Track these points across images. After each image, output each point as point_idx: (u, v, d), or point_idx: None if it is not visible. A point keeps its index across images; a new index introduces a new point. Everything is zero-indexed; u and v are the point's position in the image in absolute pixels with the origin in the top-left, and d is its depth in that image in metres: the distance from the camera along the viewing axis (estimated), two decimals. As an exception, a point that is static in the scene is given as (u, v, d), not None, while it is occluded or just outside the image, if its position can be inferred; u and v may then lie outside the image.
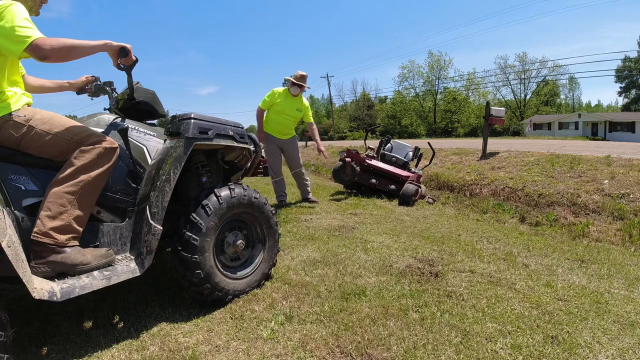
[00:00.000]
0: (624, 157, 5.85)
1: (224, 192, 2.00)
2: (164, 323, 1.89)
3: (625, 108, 44.76)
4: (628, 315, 1.95)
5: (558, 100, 50.22)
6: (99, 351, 1.64)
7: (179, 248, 1.86)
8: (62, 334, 1.79)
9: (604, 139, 28.67)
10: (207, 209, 1.91)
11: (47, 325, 1.88)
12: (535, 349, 1.63)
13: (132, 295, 2.21)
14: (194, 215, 1.88)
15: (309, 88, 4.79)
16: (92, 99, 2.37)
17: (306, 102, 5.00)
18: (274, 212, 2.33)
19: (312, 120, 5.05)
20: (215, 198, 1.95)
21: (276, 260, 2.40)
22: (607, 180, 4.93)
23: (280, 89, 4.84)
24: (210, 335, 1.78)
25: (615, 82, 46.61)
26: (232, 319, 1.93)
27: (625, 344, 1.68)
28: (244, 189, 2.11)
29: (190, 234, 1.85)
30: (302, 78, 4.72)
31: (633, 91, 45.46)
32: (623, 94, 47.44)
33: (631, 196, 4.44)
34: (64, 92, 2.28)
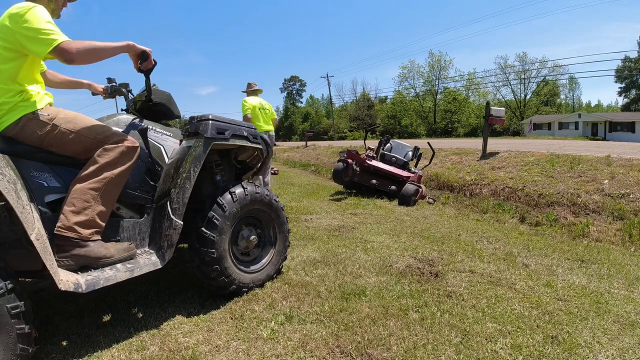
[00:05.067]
0: (624, 157, 5.85)
1: (250, 186, 2.18)
2: (164, 323, 1.89)
3: (625, 108, 44.67)
4: (628, 315, 1.95)
5: (558, 100, 50.10)
6: (99, 351, 1.64)
7: (201, 226, 1.95)
8: (62, 334, 1.79)
9: (604, 139, 28.63)
10: (233, 195, 2.07)
11: (47, 325, 1.88)
12: (535, 349, 1.63)
13: (132, 295, 2.21)
14: (221, 198, 2.03)
15: (262, 91, 5.58)
16: (104, 98, 2.46)
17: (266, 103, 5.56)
18: (287, 219, 2.44)
19: (275, 116, 5.70)
20: (241, 188, 2.13)
21: (282, 266, 2.46)
22: (607, 180, 4.93)
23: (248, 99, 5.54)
24: (210, 335, 1.78)
25: (615, 82, 46.60)
26: (232, 319, 1.93)
27: (625, 344, 1.68)
28: (267, 189, 2.28)
29: (214, 214, 1.98)
30: (249, 86, 5.57)
31: (633, 91, 45.37)
32: (623, 94, 47.37)
33: (631, 196, 4.44)
34: (67, 91, 2.34)
